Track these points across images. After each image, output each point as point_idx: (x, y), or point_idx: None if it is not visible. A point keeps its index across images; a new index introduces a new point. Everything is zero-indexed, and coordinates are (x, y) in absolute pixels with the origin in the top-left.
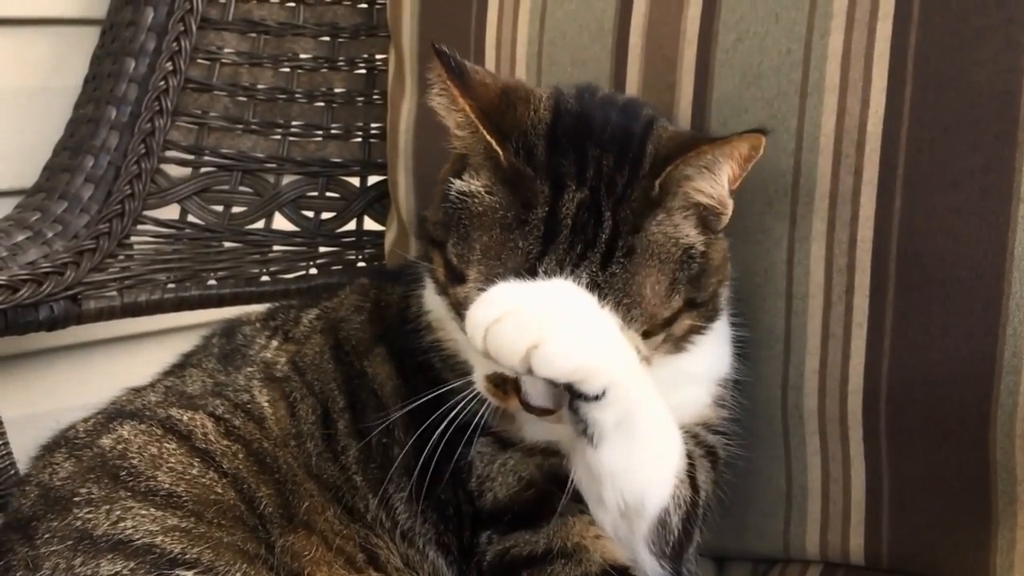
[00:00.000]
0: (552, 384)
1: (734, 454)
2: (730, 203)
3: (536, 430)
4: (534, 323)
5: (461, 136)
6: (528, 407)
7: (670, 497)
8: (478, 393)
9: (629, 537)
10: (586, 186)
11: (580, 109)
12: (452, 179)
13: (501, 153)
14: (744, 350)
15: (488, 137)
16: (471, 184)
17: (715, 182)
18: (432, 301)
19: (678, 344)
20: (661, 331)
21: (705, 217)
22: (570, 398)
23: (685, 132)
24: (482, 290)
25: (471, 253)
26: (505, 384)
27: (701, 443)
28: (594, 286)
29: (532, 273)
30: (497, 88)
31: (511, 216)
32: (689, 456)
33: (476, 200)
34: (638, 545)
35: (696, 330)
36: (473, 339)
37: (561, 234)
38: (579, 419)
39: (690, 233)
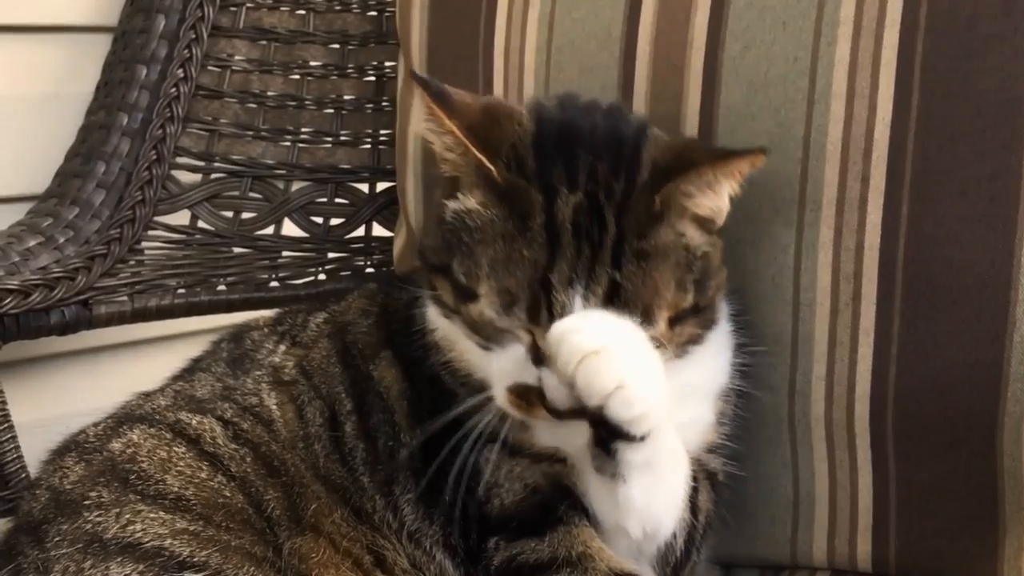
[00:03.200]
0: (591, 416)
1: (734, 471)
2: (727, 208)
3: (548, 436)
4: (625, 364)
5: (451, 159)
6: (557, 413)
7: (678, 521)
8: (491, 408)
9: (637, 556)
10: (579, 190)
11: (563, 117)
12: (446, 201)
13: (493, 168)
14: (745, 362)
15: (478, 154)
16: (466, 202)
17: (716, 198)
18: (437, 320)
19: (679, 351)
20: (681, 324)
21: (704, 222)
22: (603, 440)
23: (680, 141)
24: (494, 302)
25: (478, 269)
26: (528, 395)
27: (703, 467)
28: (615, 286)
29: (545, 284)
30: (478, 106)
31: (511, 227)
32: (693, 479)
33: (474, 216)
34: (643, 563)
35: (695, 338)
36: (566, 364)
37: (564, 239)
38: (608, 458)
39: (694, 236)
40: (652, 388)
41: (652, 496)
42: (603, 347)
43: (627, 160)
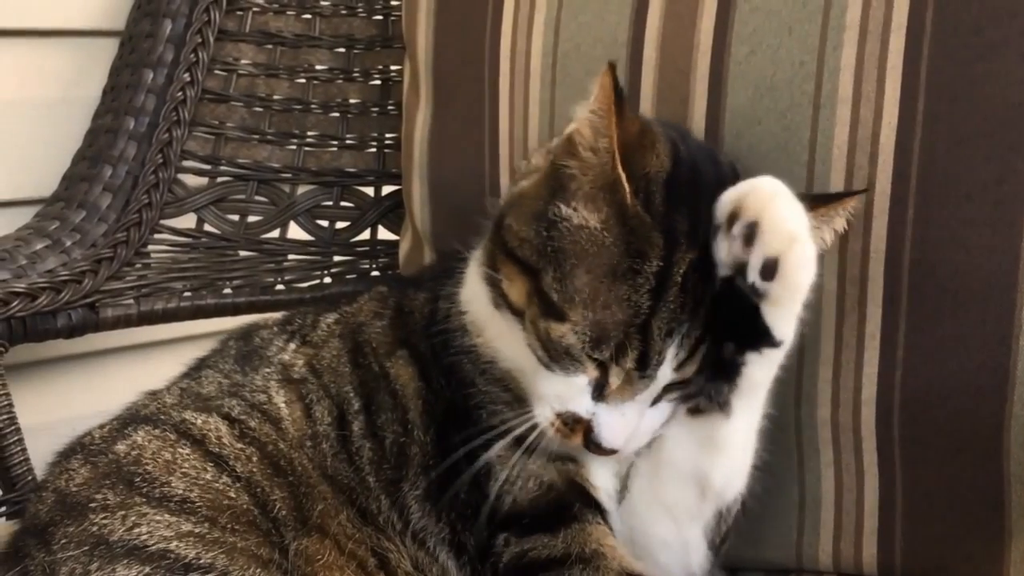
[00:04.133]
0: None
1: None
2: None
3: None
4: (803, 221)
5: (588, 160)
6: (597, 448)
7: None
8: (507, 402)
9: (689, 522)
10: (697, 246)
11: (689, 158)
12: (558, 203)
13: (628, 194)
14: None
15: (621, 173)
16: (585, 217)
17: (822, 240)
18: (471, 303)
19: None
20: None
21: None
22: (725, 362)
23: None
24: (583, 334)
25: (576, 294)
26: (575, 424)
27: None
28: (700, 341)
29: (645, 330)
30: (638, 126)
31: (625, 265)
32: None
33: (588, 236)
34: (693, 531)
35: None
36: (758, 199)
37: (671, 291)
38: (726, 382)
39: None
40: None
41: (745, 438)
42: (785, 191)
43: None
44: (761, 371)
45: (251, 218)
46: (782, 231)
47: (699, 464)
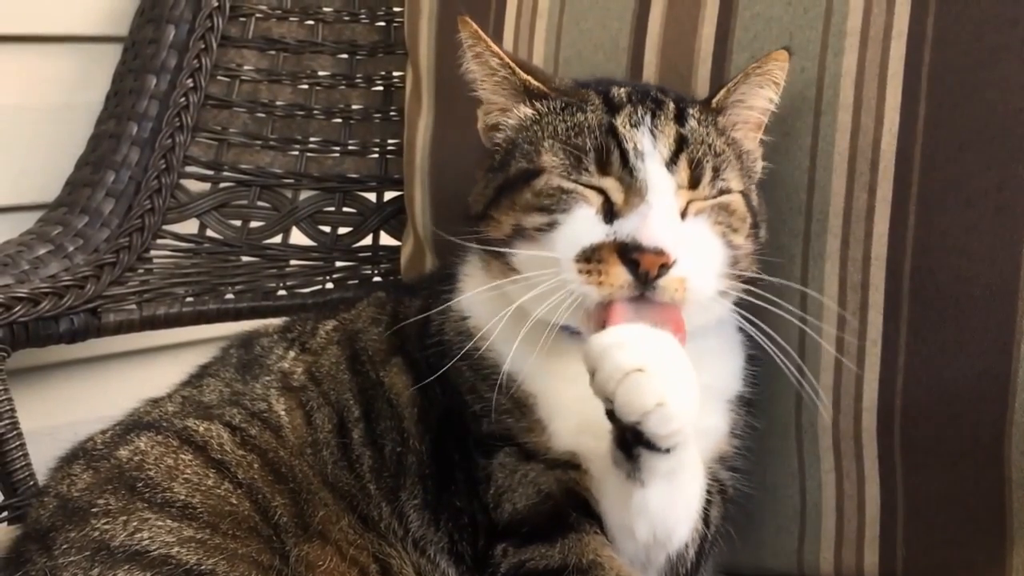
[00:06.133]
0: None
1: (744, 486)
2: (759, 151)
3: (566, 439)
4: (667, 381)
5: (494, 88)
6: (639, 250)
7: (691, 532)
8: (508, 409)
9: (645, 565)
10: (630, 87)
11: (594, 78)
12: (495, 134)
13: (543, 84)
14: (756, 373)
15: (524, 76)
16: (521, 111)
17: (764, 95)
18: (472, 308)
19: (747, 246)
20: (748, 207)
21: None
22: (626, 442)
23: None
24: (562, 164)
25: (540, 144)
26: (600, 254)
27: (716, 479)
28: (681, 138)
29: (612, 129)
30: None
31: (572, 108)
32: (707, 491)
33: (530, 117)
34: (650, 572)
35: (747, 259)
36: (607, 379)
37: (622, 96)
38: (633, 464)
39: (747, 139)
40: (689, 404)
41: (669, 504)
42: (646, 364)
43: (674, 94)
44: (660, 463)
45: (253, 223)
46: (636, 410)
47: (623, 519)
